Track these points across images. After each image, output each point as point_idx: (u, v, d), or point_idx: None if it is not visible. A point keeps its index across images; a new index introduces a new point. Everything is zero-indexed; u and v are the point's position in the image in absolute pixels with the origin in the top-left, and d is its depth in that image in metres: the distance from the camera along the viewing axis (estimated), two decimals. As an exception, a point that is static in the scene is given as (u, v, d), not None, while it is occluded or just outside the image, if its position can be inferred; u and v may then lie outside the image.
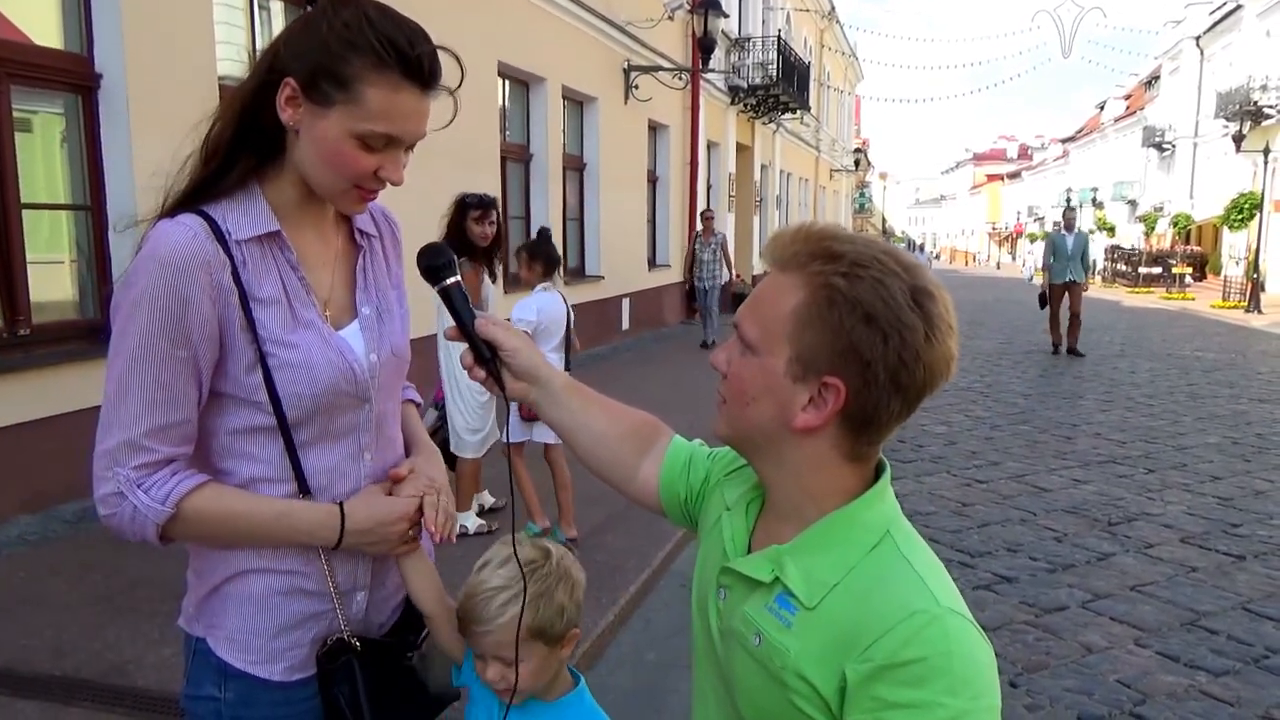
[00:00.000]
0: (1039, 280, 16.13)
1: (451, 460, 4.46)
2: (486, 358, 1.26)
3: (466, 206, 4.41)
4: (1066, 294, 12.66)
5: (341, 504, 1.25)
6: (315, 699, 1.28)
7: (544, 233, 5.10)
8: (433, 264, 1.29)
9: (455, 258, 1.33)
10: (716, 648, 1.09)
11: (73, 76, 4.84)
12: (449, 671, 1.46)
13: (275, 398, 1.21)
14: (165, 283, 1.14)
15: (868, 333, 0.94)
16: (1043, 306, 13.12)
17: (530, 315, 4.34)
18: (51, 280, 5.01)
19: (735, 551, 1.09)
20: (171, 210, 1.21)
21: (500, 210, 4.65)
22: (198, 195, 1.21)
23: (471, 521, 4.67)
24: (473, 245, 4.39)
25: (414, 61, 1.15)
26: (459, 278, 1.31)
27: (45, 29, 4.81)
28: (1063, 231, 12.91)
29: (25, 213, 4.66)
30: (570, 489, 4.51)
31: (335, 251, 1.33)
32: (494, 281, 4.69)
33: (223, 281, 1.17)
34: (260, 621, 1.26)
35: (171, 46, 5.07)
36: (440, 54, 1.21)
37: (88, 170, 4.95)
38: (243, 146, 1.22)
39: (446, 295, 1.28)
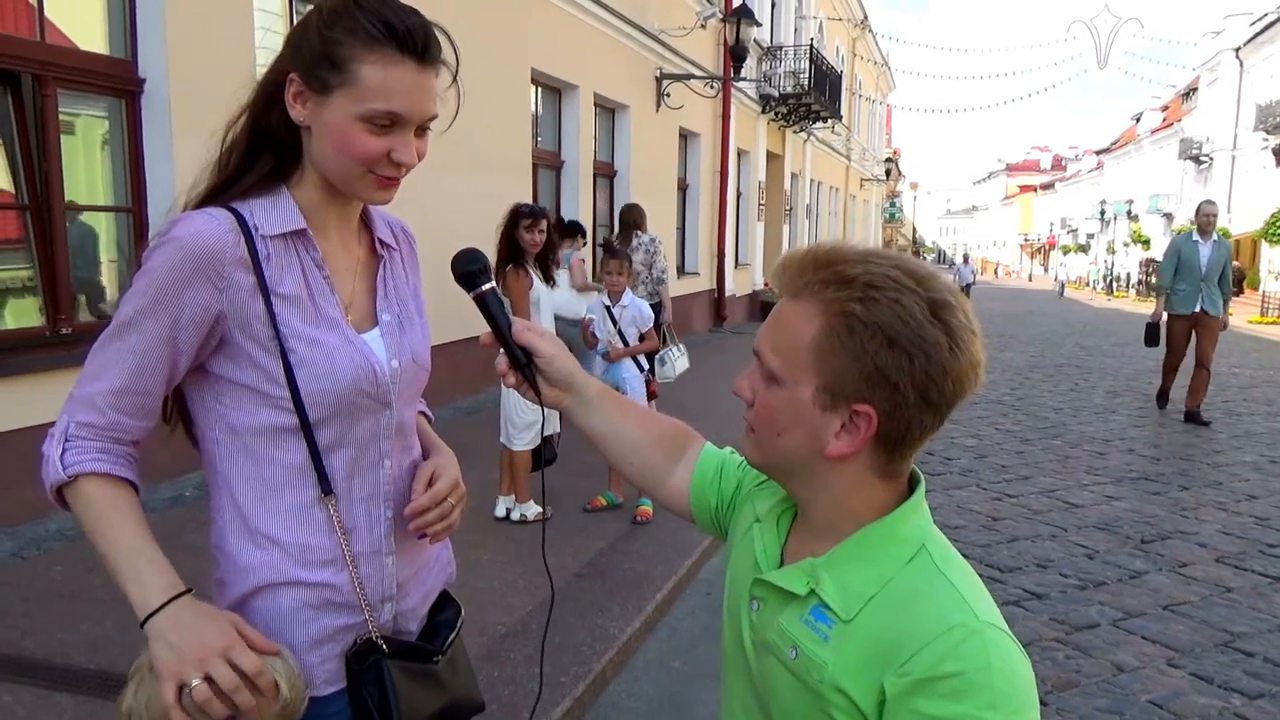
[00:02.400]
0: (1078, 294, 15.00)
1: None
2: (522, 363, 1.27)
3: (519, 215, 4.70)
4: (1193, 332, 8.73)
5: (184, 594, 1.16)
6: (345, 712, 1.27)
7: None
8: (468, 270, 1.30)
9: (489, 263, 1.33)
10: (749, 659, 1.09)
11: (117, 81, 4.94)
12: (474, 679, 1.47)
13: (297, 396, 1.21)
14: (173, 262, 1.16)
15: (892, 356, 0.93)
16: (1151, 343, 9.16)
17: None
18: (93, 279, 5.11)
19: (768, 564, 1.09)
20: (197, 207, 1.24)
21: (550, 219, 4.91)
22: (219, 194, 1.24)
23: (531, 510, 4.88)
24: (524, 252, 4.68)
25: (404, 34, 1.15)
26: (494, 284, 1.32)
27: (91, 35, 4.92)
28: (1195, 238, 8.70)
29: (69, 213, 4.77)
30: None
31: (357, 259, 1.34)
32: (549, 286, 4.88)
33: (234, 274, 1.18)
34: (292, 636, 1.25)
35: (213, 51, 5.16)
36: (440, 38, 1.21)
37: (130, 172, 5.05)
38: (260, 147, 1.25)
39: (482, 301, 1.28)
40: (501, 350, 1.28)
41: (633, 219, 7.65)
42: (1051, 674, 3.62)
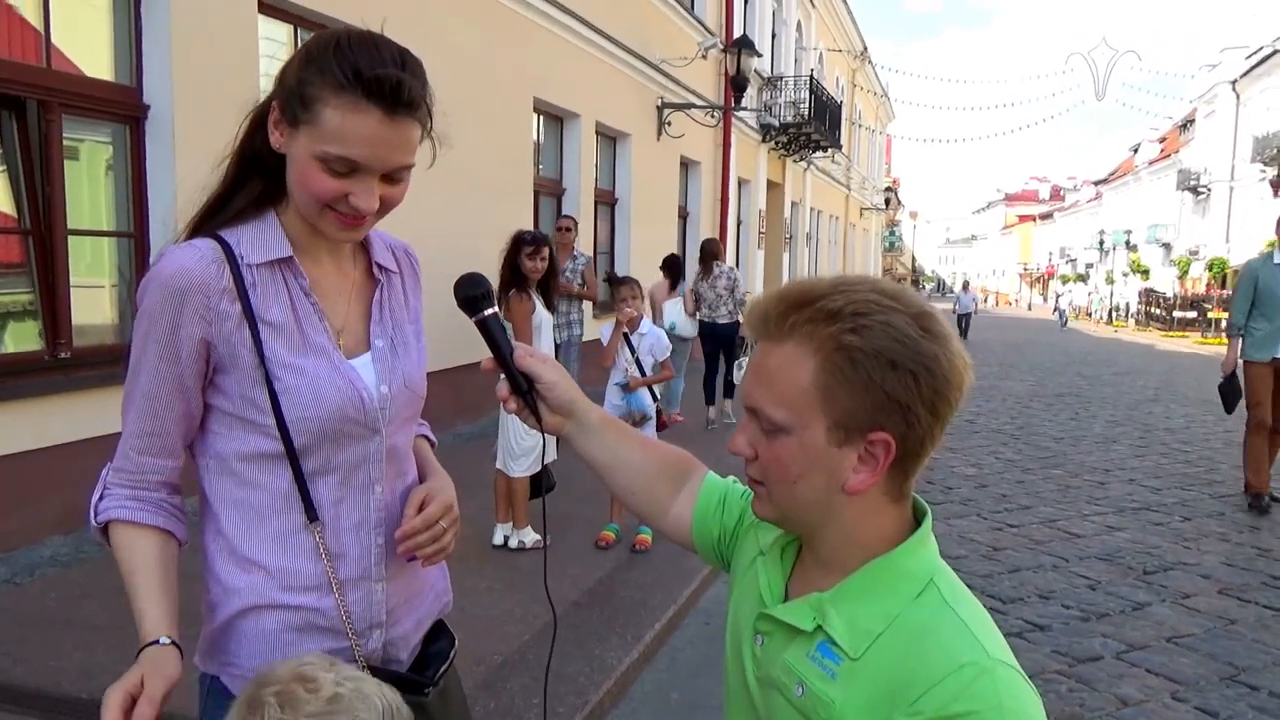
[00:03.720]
0: (1081, 324, 14.27)
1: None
2: (523, 390, 1.26)
3: (521, 242, 4.74)
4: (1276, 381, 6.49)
5: (169, 643, 1.21)
6: None
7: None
8: (470, 295, 1.29)
9: (492, 288, 1.33)
10: (753, 695, 1.07)
11: (122, 107, 4.97)
12: (467, 712, 1.44)
13: (281, 422, 1.21)
14: (161, 301, 1.19)
15: (897, 378, 0.93)
16: (1229, 403, 7.09)
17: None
18: (93, 305, 5.12)
19: (773, 598, 1.08)
20: (190, 234, 1.26)
21: (552, 247, 4.95)
22: (209, 219, 1.26)
23: (529, 537, 4.85)
24: (526, 278, 4.72)
25: (370, 81, 1.12)
26: (496, 310, 1.31)
27: (97, 62, 4.95)
28: (1277, 260, 6.48)
29: (71, 238, 4.78)
30: None
31: (353, 283, 1.34)
32: (551, 313, 4.91)
33: (220, 305, 1.20)
34: (274, 658, 1.22)
35: (218, 79, 5.20)
36: (419, 87, 1.19)
37: (132, 198, 5.07)
38: (249, 172, 1.26)
39: (484, 326, 1.28)
40: (503, 376, 1.27)
41: (712, 251, 8.87)
42: (1055, 707, 3.57)
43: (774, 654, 1.04)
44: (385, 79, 1.14)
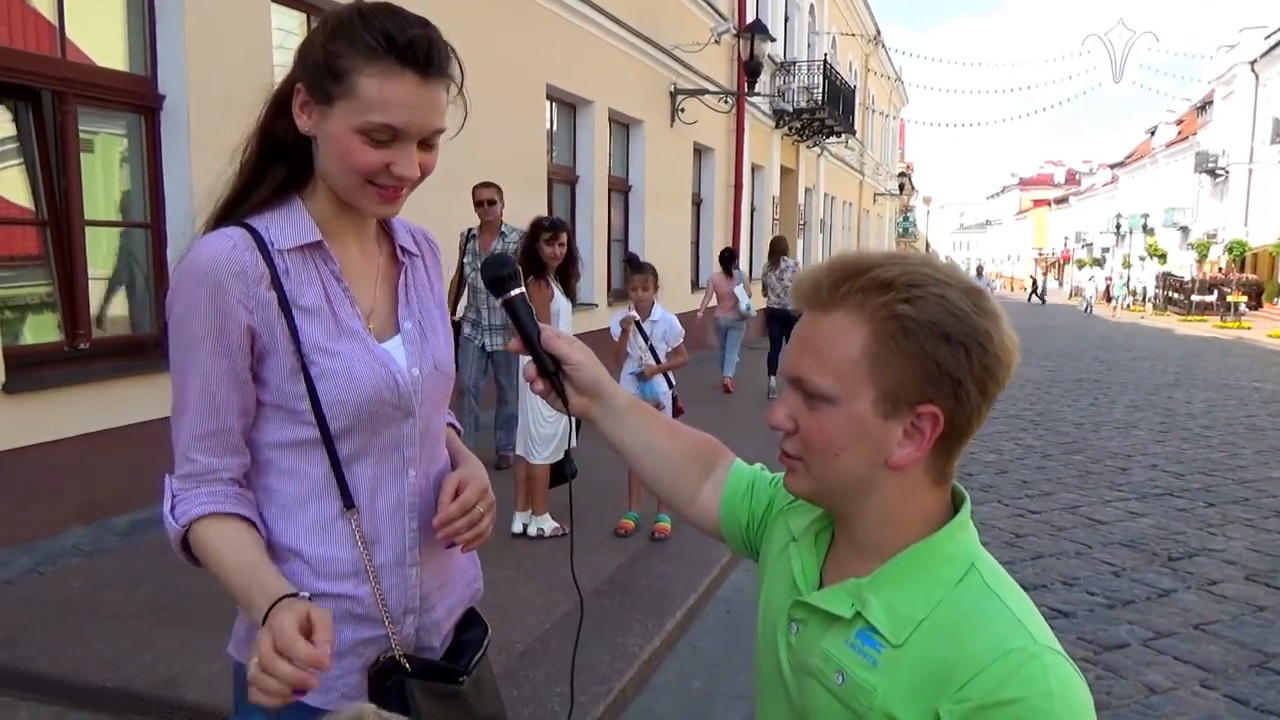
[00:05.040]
0: (1103, 311, 13.82)
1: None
2: (550, 371, 1.23)
3: (539, 229, 4.69)
4: None
5: (286, 597, 1.11)
6: None
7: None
8: (497, 275, 1.26)
9: (519, 269, 1.30)
10: (788, 684, 1.05)
11: (136, 98, 4.96)
12: (500, 701, 1.42)
13: (318, 407, 1.20)
14: (203, 293, 1.16)
15: (949, 351, 0.91)
16: None
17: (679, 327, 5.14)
18: (111, 296, 5.12)
19: (808, 585, 1.05)
20: (214, 224, 1.24)
21: (571, 233, 4.88)
22: (234, 208, 1.24)
23: (548, 524, 4.85)
24: (544, 265, 4.68)
25: (404, 46, 1.12)
26: (524, 289, 1.28)
27: (111, 52, 4.94)
28: None
29: (88, 229, 4.78)
30: None
31: (378, 267, 1.33)
32: (569, 299, 4.87)
33: (259, 292, 1.18)
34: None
35: (232, 68, 5.17)
36: (447, 49, 1.19)
37: (148, 188, 5.06)
38: (271, 159, 1.24)
39: (511, 307, 1.26)
40: (529, 357, 1.25)
41: (781, 247, 10.39)
42: (1081, 695, 3.54)
43: (810, 642, 1.01)
44: (418, 41, 1.13)
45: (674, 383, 5.16)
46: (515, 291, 1.26)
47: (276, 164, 1.25)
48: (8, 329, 4.49)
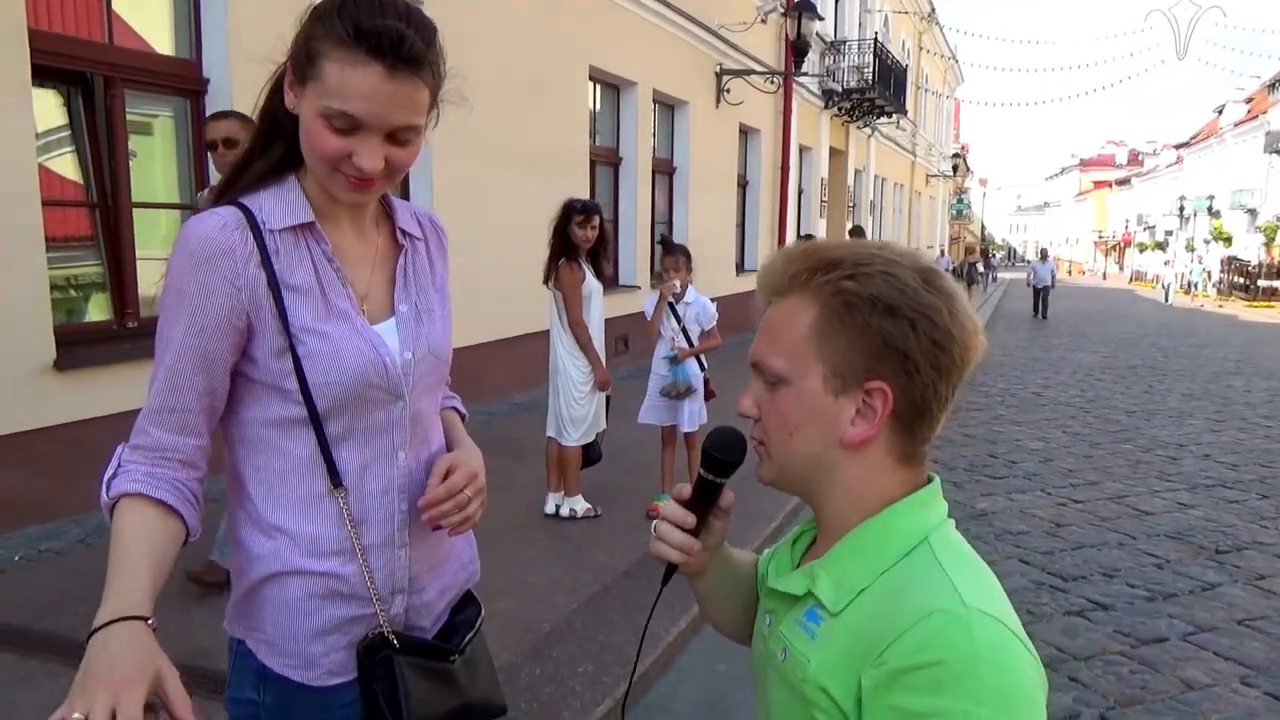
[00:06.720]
0: (1181, 299, 12.12)
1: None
2: (704, 511, 1.12)
3: (571, 211, 4.66)
4: None
5: (131, 619, 1.06)
6: (355, 703, 1.27)
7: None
8: (724, 459, 1.09)
9: (740, 460, 1.10)
10: (759, 677, 1.06)
11: (182, 81, 5.07)
12: (495, 681, 1.43)
13: (305, 387, 1.21)
14: (190, 271, 1.17)
15: (895, 325, 0.90)
16: None
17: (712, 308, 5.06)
18: (158, 276, 5.25)
19: (779, 575, 1.05)
20: (214, 201, 1.26)
21: (603, 215, 4.84)
22: (231, 187, 1.26)
23: (580, 505, 4.87)
24: (576, 247, 4.65)
25: (370, 35, 1.10)
26: (725, 484, 1.13)
27: (157, 37, 5.05)
28: None
29: (135, 212, 4.90)
30: None
31: (376, 249, 1.33)
32: (600, 281, 4.82)
33: (248, 270, 1.18)
34: (297, 625, 1.24)
35: (275, 52, 5.24)
36: (424, 43, 1.15)
37: (194, 171, 5.17)
38: (271, 137, 1.26)
39: (710, 489, 1.11)
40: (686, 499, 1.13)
41: (860, 235, 11.33)
42: (1115, 689, 3.47)
43: (775, 628, 1.01)
44: (385, 32, 1.11)
45: (706, 365, 5.13)
46: (720, 481, 1.11)
47: (276, 142, 1.26)
48: (58, 308, 4.63)
